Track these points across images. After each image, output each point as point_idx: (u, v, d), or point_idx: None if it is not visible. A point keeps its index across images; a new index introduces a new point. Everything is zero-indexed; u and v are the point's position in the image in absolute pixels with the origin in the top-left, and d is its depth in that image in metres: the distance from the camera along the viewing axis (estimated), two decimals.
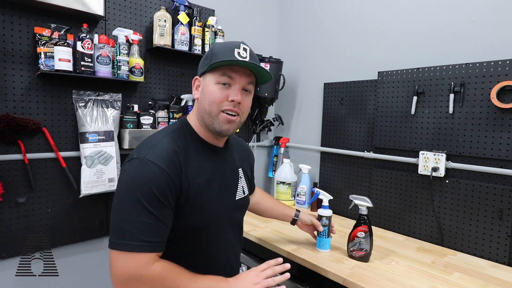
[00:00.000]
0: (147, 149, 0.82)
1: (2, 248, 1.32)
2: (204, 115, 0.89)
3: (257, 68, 0.88)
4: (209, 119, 0.88)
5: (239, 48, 0.87)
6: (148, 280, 0.75)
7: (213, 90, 0.87)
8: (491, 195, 1.34)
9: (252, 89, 0.94)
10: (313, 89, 2.12)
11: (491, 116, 1.34)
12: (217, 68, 0.87)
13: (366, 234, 1.26)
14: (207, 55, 0.91)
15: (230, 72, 0.86)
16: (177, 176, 0.81)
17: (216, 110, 0.87)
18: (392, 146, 1.66)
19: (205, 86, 0.89)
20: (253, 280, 0.86)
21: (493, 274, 1.22)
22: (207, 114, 0.88)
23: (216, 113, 0.87)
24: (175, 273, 0.79)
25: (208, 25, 1.82)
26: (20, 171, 1.35)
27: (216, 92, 0.86)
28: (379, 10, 1.75)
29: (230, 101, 0.87)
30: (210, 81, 0.88)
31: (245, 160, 1.12)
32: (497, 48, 1.34)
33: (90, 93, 1.48)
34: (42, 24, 1.37)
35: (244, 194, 1.05)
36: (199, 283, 0.80)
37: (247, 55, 0.87)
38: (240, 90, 0.88)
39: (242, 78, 0.88)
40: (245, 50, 0.88)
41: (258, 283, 0.86)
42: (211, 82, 0.88)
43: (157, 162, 0.79)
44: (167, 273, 0.77)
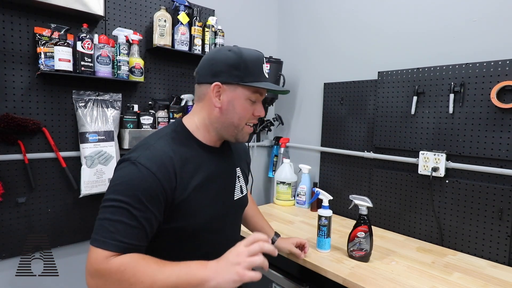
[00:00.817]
0: (140, 151, 0.82)
1: (2, 248, 1.32)
2: (228, 126, 0.90)
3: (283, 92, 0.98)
4: (233, 131, 0.91)
5: (264, 63, 0.91)
6: (106, 274, 0.71)
7: (246, 106, 0.89)
8: (491, 195, 1.34)
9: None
10: (313, 89, 2.12)
11: (491, 116, 1.34)
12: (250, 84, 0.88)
13: (366, 234, 1.26)
14: (237, 64, 0.86)
15: (262, 90, 0.91)
16: (168, 180, 0.80)
17: (243, 124, 0.91)
18: (392, 146, 1.66)
19: (236, 99, 0.88)
20: (234, 259, 0.72)
21: (493, 274, 1.22)
22: (233, 127, 0.90)
23: (242, 126, 0.91)
24: (138, 264, 0.71)
25: (208, 25, 1.82)
26: (20, 171, 1.35)
27: (248, 109, 0.90)
28: (379, 10, 1.75)
29: (257, 115, 0.92)
30: (242, 95, 0.88)
31: (242, 159, 1.11)
32: (497, 48, 1.34)
33: (90, 93, 1.48)
34: (42, 24, 1.37)
35: (242, 194, 1.04)
36: (168, 272, 0.71)
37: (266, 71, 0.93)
38: (262, 105, 0.94)
39: (264, 94, 0.93)
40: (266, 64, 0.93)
41: (239, 263, 0.71)
42: (243, 97, 0.88)
43: (147, 165, 0.78)
44: (126, 265, 0.71)
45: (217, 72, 0.87)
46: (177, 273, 0.71)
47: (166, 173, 0.80)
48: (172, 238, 0.85)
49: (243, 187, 1.05)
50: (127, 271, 0.70)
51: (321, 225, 1.36)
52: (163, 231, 0.83)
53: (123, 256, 0.73)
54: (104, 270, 0.71)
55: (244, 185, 1.06)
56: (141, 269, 0.71)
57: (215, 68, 0.87)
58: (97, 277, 0.72)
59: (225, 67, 0.86)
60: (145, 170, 0.77)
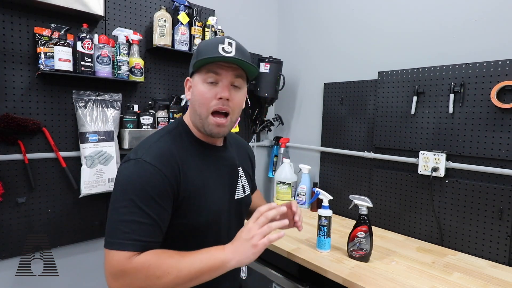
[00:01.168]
0: (144, 150, 0.82)
1: (2, 248, 1.32)
2: (195, 117, 0.88)
3: (242, 63, 0.85)
4: (199, 122, 0.87)
5: (223, 43, 0.84)
6: (132, 273, 0.73)
7: (202, 90, 0.85)
8: (491, 195, 1.34)
9: (243, 84, 0.90)
10: (313, 89, 2.12)
11: (491, 116, 1.34)
12: (203, 66, 0.85)
13: (366, 234, 1.26)
14: (194, 54, 0.90)
15: (216, 68, 0.84)
16: (174, 176, 0.81)
17: (206, 112, 0.85)
18: (392, 146, 1.66)
19: (194, 87, 0.88)
20: (247, 235, 0.77)
21: (493, 274, 1.22)
22: (198, 116, 0.87)
23: (205, 116, 0.86)
24: (161, 258, 0.75)
25: (208, 25, 1.82)
26: (20, 171, 1.35)
27: (205, 92, 0.85)
28: (379, 10, 1.75)
29: (218, 98, 0.84)
30: (198, 81, 0.87)
31: (246, 159, 1.10)
32: (497, 48, 1.34)
33: (90, 93, 1.48)
34: (42, 24, 1.37)
35: (245, 193, 1.03)
36: (190, 259, 0.75)
37: (232, 50, 0.85)
38: (227, 86, 0.85)
39: (229, 73, 0.85)
40: (230, 44, 0.85)
41: (253, 236, 0.76)
42: (199, 82, 0.86)
43: (153, 162, 0.79)
44: (150, 261, 0.74)
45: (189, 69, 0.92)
46: (199, 259, 0.76)
47: (171, 169, 0.81)
48: (176, 235, 0.86)
49: (246, 187, 1.04)
50: (152, 266, 0.73)
51: (321, 225, 1.36)
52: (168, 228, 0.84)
53: (144, 254, 0.75)
54: (130, 270, 0.73)
55: (247, 185, 1.05)
56: (165, 261, 0.74)
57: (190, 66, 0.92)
58: (122, 278, 0.73)
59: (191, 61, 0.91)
60: (151, 167, 0.78)
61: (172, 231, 0.84)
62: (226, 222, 0.95)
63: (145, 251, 0.76)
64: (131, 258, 0.73)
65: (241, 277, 1.63)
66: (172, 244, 0.85)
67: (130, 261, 0.73)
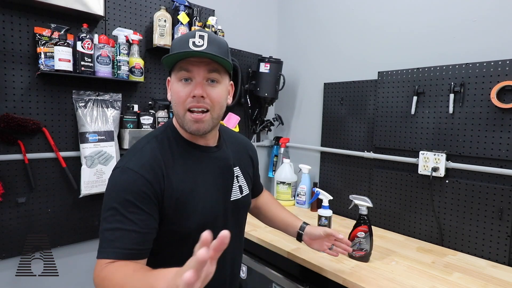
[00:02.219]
0: (129, 157, 0.82)
1: (2, 248, 1.32)
2: (176, 117, 0.87)
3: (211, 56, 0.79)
4: (179, 121, 0.85)
5: (194, 37, 0.80)
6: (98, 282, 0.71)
7: (177, 89, 0.82)
8: (491, 195, 1.34)
9: (220, 78, 0.85)
10: (313, 89, 2.12)
11: (491, 116, 1.34)
12: (176, 64, 0.82)
13: (366, 234, 1.26)
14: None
15: (187, 65, 0.80)
16: (157, 182, 0.79)
17: (182, 110, 0.83)
18: (392, 146, 1.66)
19: (171, 86, 0.86)
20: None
21: (493, 274, 1.22)
22: (176, 115, 0.85)
23: (182, 114, 0.83)
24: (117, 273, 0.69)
25: (208, 25, 1.82)
26: (20, 171, 1.35)
27: (179, 91, 0.82)
28: (379, 10, 1.75)
29: (192, 97, 0.81)
30: (173, 79, 0.84)
31: (244, 158, 1.06)
32: (497, 48, 1.34)
33: (90, 93, 1.48)
34: (42, 24, 1.37)
35: (242, 194, 0.99)
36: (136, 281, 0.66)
37: (204, 43, 0.80)
38: (200, 83, 0.81)
39: (201, 68, 0.81)
40: (201, 37, 0.81)
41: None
42: (175, 81, 0.83)
43: (135, 169, 0.78)
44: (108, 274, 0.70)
45: None
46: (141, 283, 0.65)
47: (154, 175, 0.79)
48: (167, 241, 0.84)
49: (244, 187, 1.01)
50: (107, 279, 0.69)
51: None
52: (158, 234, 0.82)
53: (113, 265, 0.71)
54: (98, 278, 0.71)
55: (245, 185, 1.02)
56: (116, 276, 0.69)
57: None
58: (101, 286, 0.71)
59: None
60: (133, 174, 0.78)
61: (165, 237, 0.83)
62: (222, 225, 0.92)
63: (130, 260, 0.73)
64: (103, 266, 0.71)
65: (241, 277, 1.63)
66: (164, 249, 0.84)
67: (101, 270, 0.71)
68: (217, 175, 0.92)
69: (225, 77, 0.87)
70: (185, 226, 0.84)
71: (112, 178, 0.80)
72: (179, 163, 0.85)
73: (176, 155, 0.86)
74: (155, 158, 0.82)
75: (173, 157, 0.85)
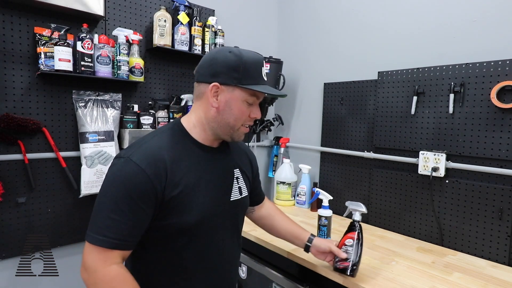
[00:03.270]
0: (135, 149, 0.84)
1: (2, 248, 1.32)
2: (223, 126, 0.90)
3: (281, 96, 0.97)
4: (229, 131, 0.91)
5: (263, 65, 0.91)
6: (99, 277, 0.77)
7: (242, 109, 0.89)
8: (491, 195, 1.34)
9: None
10: (313, 89, 2.12)
11: (491, 116, 1.34)
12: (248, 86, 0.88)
13: (353, 242, 1.09)
14: (236, 66, 0.86)
15: (259, 93, 0.91)
16: (159, 177, 0.81)
17: (239, 125, 0.91)
18: (392, 146, 1.66)
19: (232, 101, 0.88)
20: None
21: (493, 274, 1.22)
22: (229, 127, 0.90)
23: (238, 127, 0.91)
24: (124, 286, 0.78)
25: (208, 25, 1.82)
26: (20, 171, 1.35)
27: (245, 111, 0.90)
28: (379, 10, 1.75)
29: (253, 117, 0.92)
30: (239, 97, 0.88)
31: (243, 160, 1.09)
32: (497, 48, 1.34)
33: (90, 93, 1.48)
34: (42, 24, 1.37)
35: (242, 195, 1.01)
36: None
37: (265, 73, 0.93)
38: (258, 108, 0.94)
39: (261, 97, 0.93)
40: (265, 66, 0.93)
41: None
42: (240, 99, 0.88)
43: (138, 162, 0.80)
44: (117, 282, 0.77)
45: (216, 72, 0.87)
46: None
47: (156, 170, 0.81)
48: (164, 235, 0.85)
49: (243, 189, 1.03)
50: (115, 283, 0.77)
51: (321, 225, 1.36)
52: (155, 228, 0.84)
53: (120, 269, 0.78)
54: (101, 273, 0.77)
55: (244, 186, 1.04)
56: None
57: (214, 69, 0.87)
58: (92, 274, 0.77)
59: (224, 68, 0.86)
60: (136, 167, 0.79)
61: (162, 230, 0.84)
62: (220, 224, 0.94)
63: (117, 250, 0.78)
64: (107, 263, 0.77)
65: (241, 277, 1.63)
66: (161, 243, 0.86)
67: (104, 265, 0.77)
68: (218, 175, 0.95)
69: None
70: (184, 221, 0.85)
71: (115, 167, 0.82)
72: (184, 158, 0.87)
73: (182, 151, 0.88)
74: (159, 153, 0.84)
75: (179, 152, 0.87)
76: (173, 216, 0.84)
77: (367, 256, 1.32)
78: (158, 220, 0.83)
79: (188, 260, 0.88)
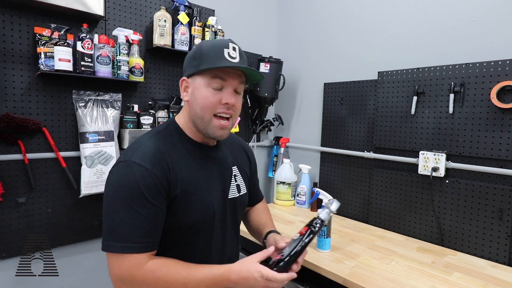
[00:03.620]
0: (133, 151, 0.83)
1: (2, 248, 1.32)
2: (196, 119, 0.88)
3: (250, 71, 0.86)
4: (201, 124, 0.87)
5: (228, 47, 0.84)
6: (141, 280, 0.76)
7: (206, 95, 0.84)
8: (491, 195, 1.34)
9: (243, 89, 0.91)
10: (313, 89, 2.12)
11: (491, 116, 1.34)
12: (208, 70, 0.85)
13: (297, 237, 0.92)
14: (194, 55, 0.87)
15: (222, 74, 0.84)
16: (163, 174, 0.81)
17: (209, 115, 0.85)
18: (392, 146, 1.66)
19: (195, 89, 0.86)
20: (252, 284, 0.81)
21: (493, 274, 1.22)
22: (199, 118, 0.87)
23: (209, 118, 0.86)
24: (170, 271, 0.78)
25: (208, 25, 1.82)
26: (20, 171, 1.35)
27: (209, 97, 0.84)
28: (379, 10, 1.75)
29: (224, 103, 0.85)
30: (200, 84, 0.85)
31: (241, 157, 1.08)
32: (497, 48, 1.34)
33: (90, 93, 1.48)
34: (42, 24, 1.37)
35: (240, 193, 1.01)
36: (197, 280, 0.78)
37: (236, 55, 0.85)
38: (232, 92, 0.86)
39: (234, 79, 0.86)
40: (234, 49, 0.85)
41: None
42: (202, 85, 0.85)
43: (142, 163, 0.79)
44: (159, 272, 0.77)
45: (184, 67, 0.91)
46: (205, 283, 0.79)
47: (160, 168, 0.81)
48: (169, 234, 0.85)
49: (242, 186, 1.03)
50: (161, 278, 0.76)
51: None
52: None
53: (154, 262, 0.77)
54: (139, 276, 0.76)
55: (243, 184, 1.04)
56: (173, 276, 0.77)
57: (184, 64, 0.92)
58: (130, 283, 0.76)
59: (187, 61, 0.90)
60: (141, 168, 0.79)
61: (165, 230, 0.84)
62: (220, 222, 0.94)
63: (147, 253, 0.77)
64: (142, 265, 0.76)
65: None
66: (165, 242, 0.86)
67: (140, 268, 0.76)
68: (216, 173, 0.94)
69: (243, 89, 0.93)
70: (187, 219, 0.85)
71: (117, 173, 0.81)
72: (182, 158, 0.87)
73: (179, 150, 0.88)
74: (159, 151, 0.83)
75: (177, 151, 0.87)
76: (177, 214, 0.84)
77: (367, 256, 1.33)
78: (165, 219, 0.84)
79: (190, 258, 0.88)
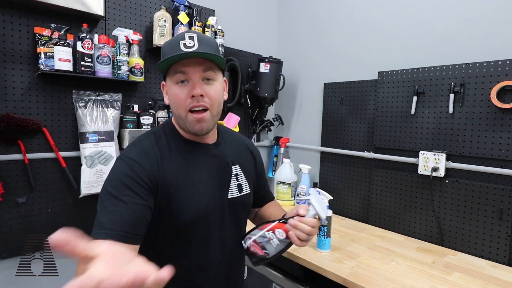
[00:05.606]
0: (129, 149, 0.86)
1: (2, 248, 1.32)
2: (177, 119, 0.89)
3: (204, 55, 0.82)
4: (182, 122, 0.88)
5: (184, 39, 0.82)
6: None
7: (175, 92, 0.85)
8: (491, 195, 1.34)
9: (215, 75, 0.86)
10: (313, 89, 2.12)
11: (491, 116, 1.34)
12: (170, 68, 0.84)
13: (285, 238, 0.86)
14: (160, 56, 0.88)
15: (182, 67, 0.82)
16: (151, 170, 0.81)
17: (184, 112, 0.85)
18: (392, 146, 1.66)
19: (168, 90, 0.88)
20: None
21: (493, 274, 1.22)
22: (178, 118, 0.88)
23: (184, 115, 0.85)
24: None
25: (208, 25, 1.82)
26: (20, 171, 1.35)
27: (178, 94, 0.84)
28: (379, 11, 1.75)
29: (191, 96, 0.83)
30: (170, 83, 0.86)
31: (245, 156, 1.04)
32: (497, 48, 1.34)
33: (90, 93, 1.48)
34: (42, 24, 1.37)
35: (241, 193, 0.97)
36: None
37: (194, 43, 0.82)
38: (198, 82, 0.83)
39: (196, 69, 0.83)
40: (191, 38, 0.83)
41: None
42: (171, 84, 0.86)
43: (132, 157, 0.82)
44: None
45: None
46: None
47: (149, 164, 0.82)
48: (162, 234, 0.85)
49: (244, 186, 0.99)
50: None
51: (321, 225, 1.36)
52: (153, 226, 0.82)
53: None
54: None
55: (245, 184, 1.00)
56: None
57: None
58: None
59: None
60: (130, 161, 0.81)
61: (159, 230, 0.83)
62: (217, 222, 0.91)
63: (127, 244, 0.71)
64: None
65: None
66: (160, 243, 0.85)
67: None
68: (213, 172, 0.92)
69: (219, 74, 0.89)
70: (179, 219, 0.84)
71: (111, 168, 0.84)
72: (175, 156, 0.88)
73: (173, 149, 0.89)
74: (151, 149, 0.85)
75: (170, 150, 0.88)
76: (168, 214, 0.83)
77: (367, 256, 1.33)
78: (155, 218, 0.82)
79: (186, 259, 0.87)
